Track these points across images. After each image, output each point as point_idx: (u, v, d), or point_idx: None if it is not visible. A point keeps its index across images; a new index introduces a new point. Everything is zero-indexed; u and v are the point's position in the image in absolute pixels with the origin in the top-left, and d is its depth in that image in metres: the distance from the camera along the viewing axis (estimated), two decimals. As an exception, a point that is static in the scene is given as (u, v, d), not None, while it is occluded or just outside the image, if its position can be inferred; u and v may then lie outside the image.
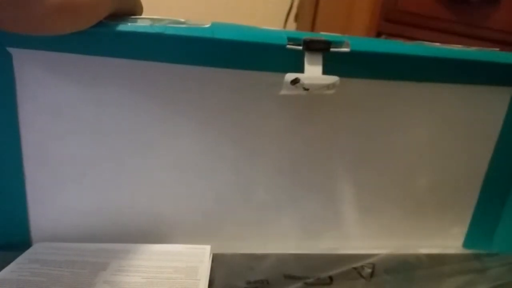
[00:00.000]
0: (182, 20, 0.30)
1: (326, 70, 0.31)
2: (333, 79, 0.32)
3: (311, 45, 0.31)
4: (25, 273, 0.33)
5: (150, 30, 0.29)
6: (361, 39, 0.33)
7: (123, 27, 0.29)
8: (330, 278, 0.36)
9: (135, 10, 0.32)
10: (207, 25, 0.30)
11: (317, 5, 0.99)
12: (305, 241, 0.42)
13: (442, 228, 0.44)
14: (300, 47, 0.31)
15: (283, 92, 0.32)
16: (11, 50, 0.31)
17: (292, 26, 1.15)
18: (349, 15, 0.80)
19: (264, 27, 0.33)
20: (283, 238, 0.41)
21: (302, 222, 0.41)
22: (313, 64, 0.31)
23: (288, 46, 0.31)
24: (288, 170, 0.39)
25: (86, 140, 0.35)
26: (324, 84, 0.32)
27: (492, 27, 0.69)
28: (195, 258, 0.36)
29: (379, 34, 0.70)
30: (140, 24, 0.29)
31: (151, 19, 0.30)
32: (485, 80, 0.39)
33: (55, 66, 0.32)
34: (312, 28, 0.99)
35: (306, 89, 0.32)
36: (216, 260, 0.37)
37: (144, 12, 0.34)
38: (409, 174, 0.42)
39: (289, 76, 0.31)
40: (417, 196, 0.43)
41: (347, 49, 0.32)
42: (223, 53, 0.32)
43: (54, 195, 0.36)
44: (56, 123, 0.34)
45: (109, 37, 0.30)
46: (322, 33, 0.33)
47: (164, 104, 0.35)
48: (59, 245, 0.37)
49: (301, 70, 0.31)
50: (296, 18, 1.16)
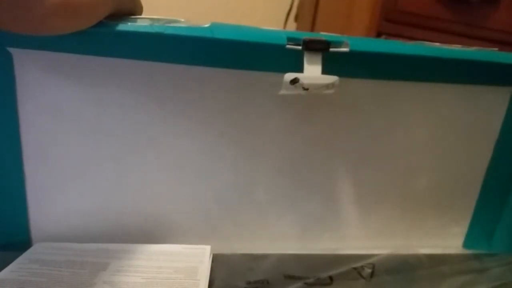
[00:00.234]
0: (182, 20, 0.30)
1: (326, 70, 0.31)
2: (333, 79, 0.32)
3: (311, 45, 0.31)
4: (25, 273, 0.33)
5: (150, 30, 0.29)
6: (360, 39, 0.33)
7: (123, 27, 0.29)
8: (330, 278, 0.36)
9: (135, 10, 0.32)
10: (206, 25, 0.30)
11: (317, 5, 0.99)
12: (305, 241, 0.42)
13: (442, 228, 0.44)
14: (300, 47, 0.31)
15: (283, 92, 0.32)
16: (12, 50, 0.32)
17: (292, 26, 1.15)
18: (349, 15, 0.80)
19: (263, 27, 0.33)
20: (283, 238, 0.41)
21: (302, 222, 0.41)
22: (312, 64, 0.31)
23: (288, 46, 0.31)
24: (288, 170, 0.39)
25: (86, 140, 0.35)
26: (324, 84, 0.32)
27: (492, 27, 0.69)
28: (195, 258, 0.36)
29: (379, 34, 0.70)
30: (140, 24, 0.29)
31: (150, 19, 0.30)
32: (484, 80, 0.39)
33: (55, 66, 0.33)
34: (312, 28, 0.99)
35: (305, 89, 0.32)
36: (216, 260, 0.37)
37: (143, 12, 0.34)
38: (409, 174, 0.42)
39: (289, 76, 0.31)
40: (417, 196, 0.43)
41: (346, 49, 0.32)
42: (222, 53, 0.32)
43: (54, 195, 0.36)
44: (56, 123, 0.34)
45: (109, 37, 0.30)
46: (322, 33, 0.33)
47: (164, 104, 0.35)
48: (59, 245, 0.37)
49: (300, 70, 0.31)
50: (296, 18, 1.16)
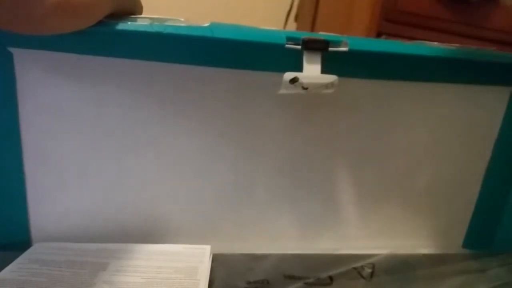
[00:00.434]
0: (182, 19, 0.30)
1: (325, 70, 0.32)
2: (332, 78, 0.32)
3: (310, 45, 0.31)
4: (25, 273, 0.33)
5: (150, 29, 0.29)
6: (359, 39, 0.33)
7: (122, 26, 0.29)
8: (330, 278, 0.36)
9: (134, 10, 0.32)
10: (206, 25, 0.30)
11: (317, 5, 0.99)
12: (305, 241, 0.42)
13: (442, 228, 0.44)
14: (299, 47, 0.31)
15: (282, 91, 0.32)
16: (12, 50, 0.32)
17: (292, 26, 1.15)
18: (349, 15, 0.80)
19: (263, 27, 0.33)
20: (283, 238, 0.41)
21: (302, 222, 0.41)
22: (311, 63, 0.31)
23: (287, 46, 0.31)
24: (287, 169, 0.39)
25: (86, 140, 0.35)
26: (323, 83, 0.32)
27: (492, 27, 0.69)
28: (195, 258, 0.36)
29: (379, 34, 0.70)
30: (139, 24, 0.29)
31: (150, 19, 0.30)
32: (484, 80, 0.39)
33: (55, 66, 0.33)
34: (312, 28, 0.99)
35: (305, 88, 0.32)
36: (216, 260, 0.37)
37: (143, 12, 0.34)
38: (409, 173, 0.42)
39: (288, 75, 0.31)
40: (417, 196, 0.43)
41: (345, 49, 0.32)
42: (222, 53, 0.32)
43: (54, 195, 0.37)
44: (56, 123, 0.34)
45: (109, 36, 0.30)
46: (321, 33, 0.33)
47: (164, 104, 0.35)
48: (59, 245, 0.37)
49: (300, 69, 0.31)
50: (296, 18, 1.16)
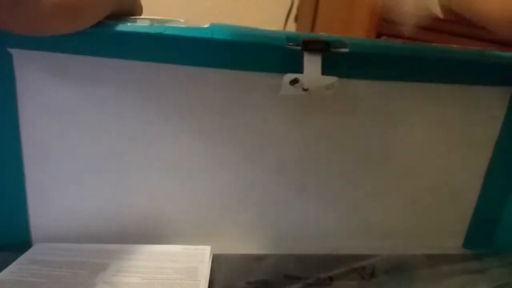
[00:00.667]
0: (181, 20, 0.30)
1: (325, 71, 0.31)
2: (332, 79, 0.32)
3: (310, 46, 0.31)
4: (25, 273, 0.33)
5: (150, 30, 0.29)
6: (360, 40, 0.33)
7: (122, 27, 0.29)
8: (330, 278, 0.36)
9: (134, 10, 0.32)
10: (206, 26, 0.30)
11: (317, 6, 0.99)
12: (305, 241, 0.42)
13: (442, 228, 0.44)
14: (299, 48, 0.31)
15: (282, 92, 0.32)
16: (12, 50, 0.32)
17: (292, 27, 1.15)
18: (349, 16, 0.80)
19: (263, 28, 0.33)
20: (283, 238, 0.41)
21: (302, 222, 0.41)
22: (312, 65, 0.31)
23: (287, 47, 0.31)
24: (287, 170, 0.39)
25: (86, 140, 0.35)
26: (323, 84, 0.32)
27: (492, 28, 0.69)
28: (195, 259, 0.36)
29: (379, 35, 0.70)
30: (139, 24, 0.29)
31: (150, 19, 0.30)
32: (484, 80, 0.39)
33: (55, 66, 0.33)
34: (312, 29, 0.99)
35: (305, 90, 0.32)
36: (216, 260, 0.37)
37: (143, 13, 0.34)
38: (409, 174, 0.42)
39: (288, 77, 0.31)
40: (417, 196, 0.43)
41: (346, 50, 0.32)
42: (222, 54, 0.32)
43: (54, 196, 0.37)
44: (56, 123, 0.34)
45: (108, 37, 0.30)
46: (321, 34, 0.33)
47: (164, 104, 0.35)
48: (59, 246, 0.37)
49: (300, 70, 0.31)
50: (296, 19, 1.16)
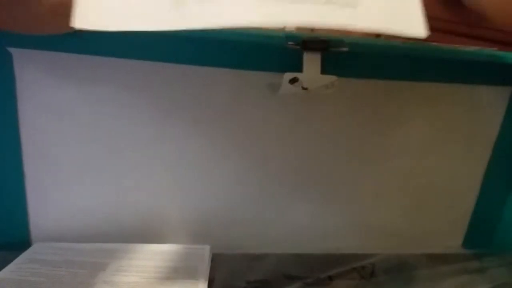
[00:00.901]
0: None
1: (325, 70, 0.32)
2: (332, 78, 0.32)
3: (310, 45, 0.31)
4: (24, 273, 0.33)
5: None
6: (359, 39, 0.33)
7: (122, 26, 0.29)
8: (330, 278, 0.36)
9: None
10: None
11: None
12: (305, 241, 0.42)
13: (442, 228, 0.44)
14: (299, 47, 0.31)
15: (282, 91, 0.32)
16: (12, 50, 0.32)
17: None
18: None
19: (263, 27, 0.33)
20: (283, 238, 0.41)
21: (301, 222, 0.41)
22: (311, 64, 0.31)
23: (287, 46, 0.31)
24: (287, 169, 0.39)
25: (86, 140, 0.35)
26: (323, 83, 0.32)
27: (492, 27, 0.69)
28: (194, 258, 0.36)
29: (378, 34, 0.70)
30: None
31: None
32: (484, 80, 0.39)
33: (55, 65, 0.33)
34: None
35: (304, 89, 0.32)
36: (216, 260, 0.37)
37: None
38: (409, 173, 0.42)
39: (288, 76, 0.31)
40: (417, 196, 0.43)
41: (345, 49, 0.32)
42: (221, 53, 0.32)
43: (54, 195, 0.37)
44: (55, 123, 0.34)
45: (108, 36, 0.30)
46: (321, 33, 0.33)
47: (163, 104, 0.35)
48: (59, 245, 0.37)
49: (300, 69, 0.31)
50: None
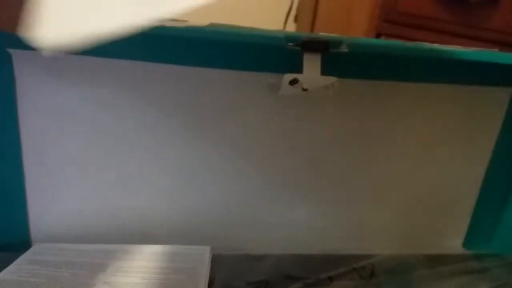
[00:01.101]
0: (181, 20, 0.30)
1: (325, 71, 0.31)
2: (332, 79, 0.32)
3: (310, 46, 0.31)
4: (24, 274, 0.33)
5: (148, 30, 0.29)
6: (360, 40, 0.33)
7: (121, 27, 0.29)
8: (330, 279, 0.36)
9: None
10: (206, 26, 0.30)
11: (316, 7, 0.99)
12: (305, 242, 0.42)
13: (442, 228, 0.44)
14: (299, 48, 0.31)
15: (282, 92, 0.32)
16: (11, 51, 0.32)
17: (291, 27, 1.15)
18: (349, 17, 0.80)
19: (263, 28, 0.33)
20: (283, 238, 0.41)
21: (301, 222, 0.41)
22: (312, 65, 0.31)
23: (287, 47, 0.31)
24: (287, 170, 0.39)
25: (85, 141, 0.35)
26: (323, 84, 0.32)
27: (492, 28, 0.69)
28: (194, 259, 0.36)
29: (378, 35, 0.70)
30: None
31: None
32: (484, 80, 0.39)
33: (54, 67, 0.33)
34: (312, 29, 0.99)
35: (304, 90, 0.32)
36: (216, 260, 0.37)
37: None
38: (409, 174, 0.42)
39: (288, 77, 0.31)
40: (416, 196, 0.43)
41: (345, 50, 0.32)
42: (221, 54, 0.32)
43: (54, 196, 0.37)
44: (55, 124, 0.34)
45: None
46: (321, 34, 0.33)
47: (163, 104, 0.35)
48: (59, 246, 0.37)
49: (300, 70, 0.31)
50: (296, 19, 1.16)
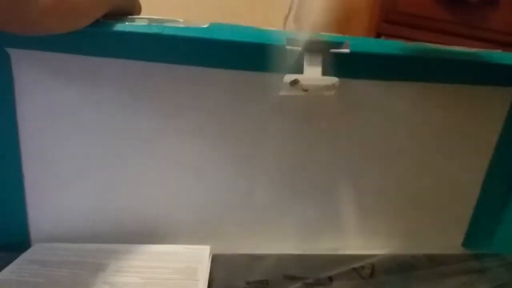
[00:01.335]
0: (180, 20, 0.30)
1: (326, 71, 0.31)
2: (333, 80, 0.32)
3: (311, 46, 0.31)
4: (24, 274, 0.33)
5: (148, 30, 0.29)
6: (360, 40, 0.33)
7: (121, 27, 0.29)
8: (330, 279, 0.36)
9: (133, 10, 0.32)
10: (205, 26, 0.30)
11: (317, 7, 0.99)
12: (305, 241, 0.42)
13: (442, 228, 0.44)
14: (300, 48, 0.31)
15: (283, 93, 0.32)
16: (10, 50, 0.31)
17: (292, 27, 1.15)
18: (349, 17, 0.80)
19: (263, 28, 0.33)
20: (283, 238, 0.41)
21: (302, 222, 0.41)
22: (312, 65, 0.31)
23: (288, 47, 0.31)
24: (287, 170, 0.39)
25: (85, 140, 0.35)
26: (324, 85, 0.32)
27: (492, 28, 0.69)
28: (194, 259, 0.36)
29: (378, 35, 0.70)
30: (137, 24, 0.29)
31: (149, 19, 0.30)
32: (485, 81, 0.39)
33: (53, 66, 0.32)
34: (312, 29, 0.99)
35: (305, 90, 0.32)
36: (216, 260, 0.37)
37: (142, 12, 0.34)
38: (409, 174, 0.42)
39: (289, 77, 0.31)
40: (417, 196, 0.43)
41: (346, 50, 0.32)
42: (221, 54, 0.32)
43: (53, 196, 0.36)
44: (54, 123, 0.34)
45: (106, 37, 0.30)
46: (322, 34, 0.33)
47: (163, 105, 0.35)
48: (58, 246, 0.37)
49: (300, 71, 0.31)
50: (296, 19, 1.16)
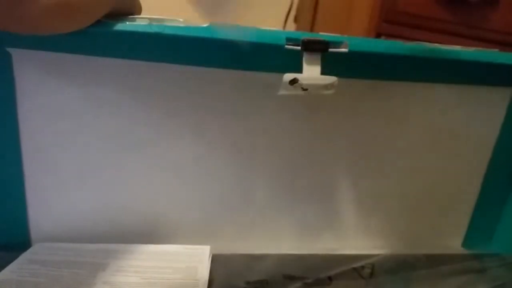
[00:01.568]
0: (181, 20, 0.30)
1: (325, 71, 0.31)
2: (332, 79, 0.32)
3: (310, 46, 0.31)
4: (24, 273, 0.33)
5: (148, 30, 0.29)
6: (359, 39, 0.33)
7: (121, 26, 0.29)
8: (330, 279, 0.36)
9: (133, 10, 0.32)
10: (205, 25, 0.30)
11: (316, 6, 0.99)
12: (305, 241, 0.42)
13: (442, 228, 0.44)
14: (299, 47, 0.31)
15: (282, 92, 0.32)
16: (11, 50, 0.32)
17: (291, 27, 1.15)
18: (349, 17, 0.80)
19: (262, 28, 0.33)
20: (283, 238, 0.41)
21: (301, 223, 0.41)
22: (311, 65, 0.31)
23: (287, 46, 0.31)
24: (287, 170, 0.39)
25: (85, 140, 0.35)
26: (323, 84, 0.32)
27: (492, 28, 0.69)
28: (194, 259, 0.36)
29: (378, 35, 0.70)
30: (138, 24, 0.29)
31: (149, 19, 0.30)
32: (484, 80, 0.39)
33: (54, 66, 0.33)
34: (311, 30, 0.99)
35: (304, 89, 0.32)
36: (216, 260, 0.37)
37: (142, 12, 0.34)
38: (409, 174, 0.42)
39: (288, 76, 0.31)
40: (416, 196, 0.43)
41: (345, 50, 0.32)
42: (221, 53, 0.32)
43: (53, 196, 0.36)
44: (55, 123, 0.34)
45: (107, 37, 0.30)
46: (321, 34, 0.33)
47: (163, 105, 0.35)
48: (59, 246, 0.37)
49: (299, 70, 0.31)
50: (296, 19, 1.16)
